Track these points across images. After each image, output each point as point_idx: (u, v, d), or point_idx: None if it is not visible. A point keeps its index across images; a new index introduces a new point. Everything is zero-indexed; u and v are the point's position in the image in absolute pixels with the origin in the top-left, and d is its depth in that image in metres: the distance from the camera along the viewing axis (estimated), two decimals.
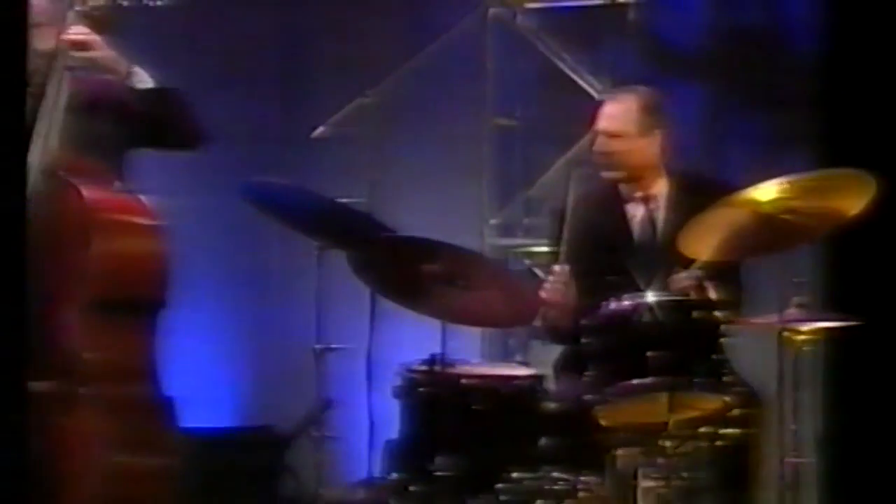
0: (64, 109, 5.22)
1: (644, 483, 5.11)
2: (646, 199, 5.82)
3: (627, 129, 5.80)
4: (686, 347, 4.90)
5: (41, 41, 5.27)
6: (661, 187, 5.83)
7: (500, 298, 5.25)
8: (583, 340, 5.12)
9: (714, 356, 4.95)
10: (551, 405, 5.34)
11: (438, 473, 5.26)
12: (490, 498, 5.18)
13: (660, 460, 4.96)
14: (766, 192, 4.89)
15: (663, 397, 4.83)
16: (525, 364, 5.67)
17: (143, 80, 5.28)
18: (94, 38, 5.21)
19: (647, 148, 5.81)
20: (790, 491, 5.06)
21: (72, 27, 5.27)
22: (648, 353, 4.92)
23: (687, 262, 5.33)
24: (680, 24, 7.30)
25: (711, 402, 4.88)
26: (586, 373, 5.20)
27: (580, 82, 7.37)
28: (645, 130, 5.81)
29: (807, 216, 4.88)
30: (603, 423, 5.00)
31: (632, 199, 5.86)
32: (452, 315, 5.27)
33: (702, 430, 4.99)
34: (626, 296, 5.12)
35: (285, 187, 5.90)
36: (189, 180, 6.17)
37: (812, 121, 6.84)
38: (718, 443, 5.03)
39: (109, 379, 5.16)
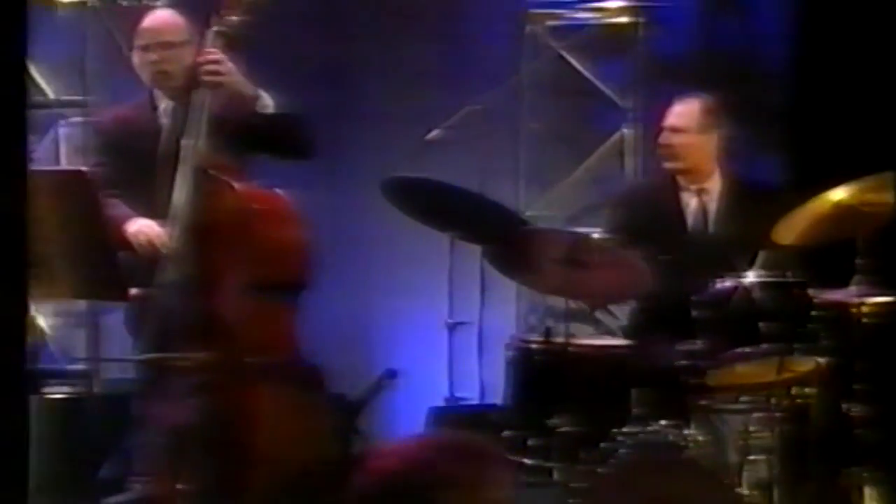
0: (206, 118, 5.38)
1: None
2: (700, 192, 6.12)
3: (689, 126, 6.06)
4: (788, 318, 5.19)
5: (187, 57, 5.50)
6: (714, 182, 6.13)
7: (614, 275, 5.49)
8: (694, 313, 5.31)
9: (809, 325, 5.24)
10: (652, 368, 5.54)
11: (560, 429, 5.40)
12: (604, 450, 5.36)
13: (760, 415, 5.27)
14: (848, 189, 5.33)
15: (773, 361, 5.13)
16: (614, 334, 5.96)
17: (266, 104, 5.45)
18: (227, 66, 5.32)
19: (705, 145, 6.07)
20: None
21: (208, 52, 5.33)
22: (760, 324, 5.16)
23: (740, 249, 5.64)
24: (677, 41, 7.56)
25: (807, 365, 5.22)
26: (695, 341, 5.35)
27: (606, 91, 7.59)
28: (704, 129, 6.10)
29: (877, 208, 5.30)
30: (711, 383, 5.25)
31: (687, 191, 6.10)
32: (573, 293, 5.52)
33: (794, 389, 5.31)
34: (728, 276, 5.35)
35: (426, 181, 6.08)
36: (323, 178, 6.35)
37: (783, 130, 7.20)
38: (799, 400, 5.35)
39: (264, 350, 5.35)
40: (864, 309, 5.30)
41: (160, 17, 5.63)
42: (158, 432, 5.18)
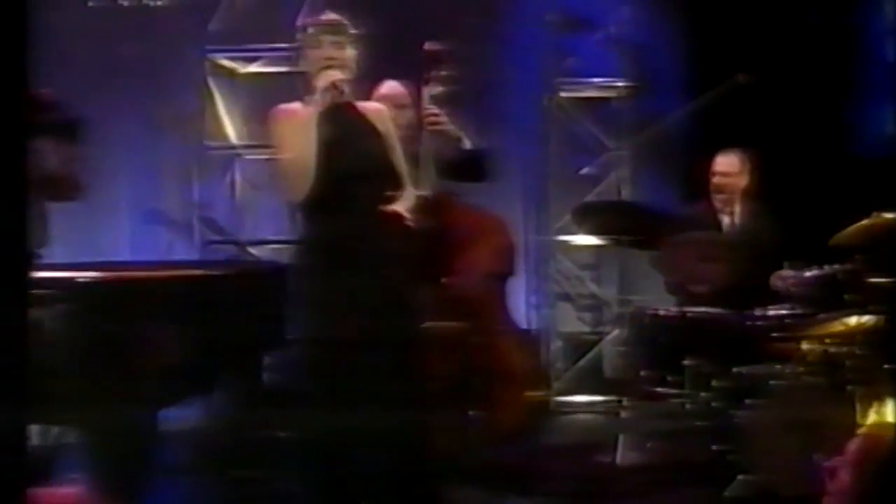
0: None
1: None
2: (731, 214, 6.76)
3: (732, 172, 6.75)
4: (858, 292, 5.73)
5: (409, 114, 5.94)
6: (739, 206, 6.76)
7: (727, 266, 6.03)
8: (793, 290, 5.95)
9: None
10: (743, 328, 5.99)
11: (693, 368, 5.91)
12: (728, 382, 5.79)
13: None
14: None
15: (853, 318, 5.66)
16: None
17: (465, 143, 5.99)
18: (442, 117, 5.80)
19: (740, 184, 6.76)
20: None
21: (431, 111, 5.77)
22: (846, 295, 5.71)
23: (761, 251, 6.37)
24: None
25: (871, 322, 5.62)
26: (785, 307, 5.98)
27: (605, 142, 8.26)
28: (742, 173, 6.75)
29: None
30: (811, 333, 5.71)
31: (724, 213, 6.78)
32: (704, 280, 6.12)
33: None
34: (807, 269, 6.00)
35: (614, 203, 6.76)
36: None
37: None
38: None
39: (494, 319, 5.97)
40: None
41: (393, 87, 6.01)
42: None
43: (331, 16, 4.97)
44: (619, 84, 8.24)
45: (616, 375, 7.07)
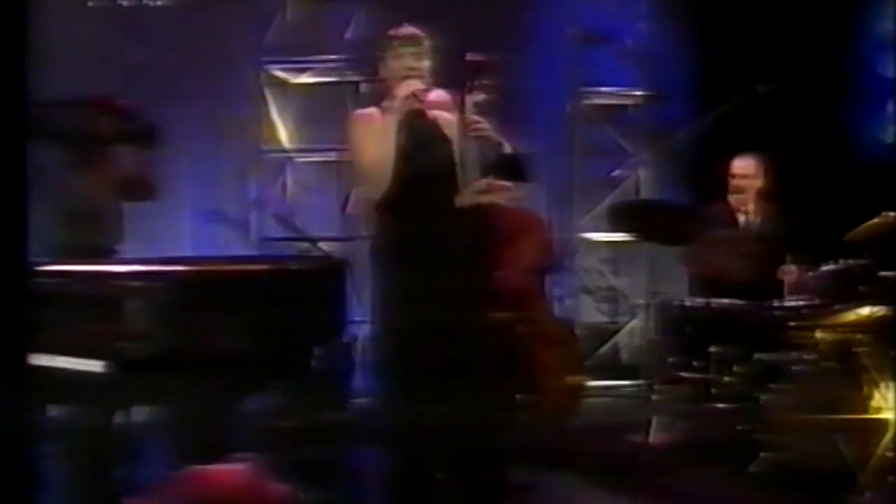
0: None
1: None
2: (746, 212, 6.98)
3: (749, 174, 6.96)
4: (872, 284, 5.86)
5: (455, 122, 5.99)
6: (754, 206, 6.99)
7: (750, 259, 6.34)
8: (809, 282, 6.17)
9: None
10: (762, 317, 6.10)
11: (717, 354, 6.12)
12: (750, 367, 5.94)
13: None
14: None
15: (866, 309, 5.81)
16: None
17: (505, 147, 5.91)
18: (484, 123, 5.76)
19: (756, 185, 6.98)
20: None
21: (475, 119, 5.73)
22: (860, 287, 5.82)
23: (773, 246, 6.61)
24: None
25: (881, 312, 5.80)
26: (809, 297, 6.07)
27: (625, 146, 8.67)
28: (757, 176, 6.97)
29: None
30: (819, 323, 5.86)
31: (740, 212, 7.01)
32: (729, 272, 6.41)
33: None
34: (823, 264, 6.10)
35: (648, 202, 7.09)
36: None
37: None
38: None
39: (537, 310, 6.34)
40: None
41: (441, 94, 5.68)
42: None
43: (411, 29, 5.18)
44: (637, 93, 8.64)
45: (636, 362, 7.29)
